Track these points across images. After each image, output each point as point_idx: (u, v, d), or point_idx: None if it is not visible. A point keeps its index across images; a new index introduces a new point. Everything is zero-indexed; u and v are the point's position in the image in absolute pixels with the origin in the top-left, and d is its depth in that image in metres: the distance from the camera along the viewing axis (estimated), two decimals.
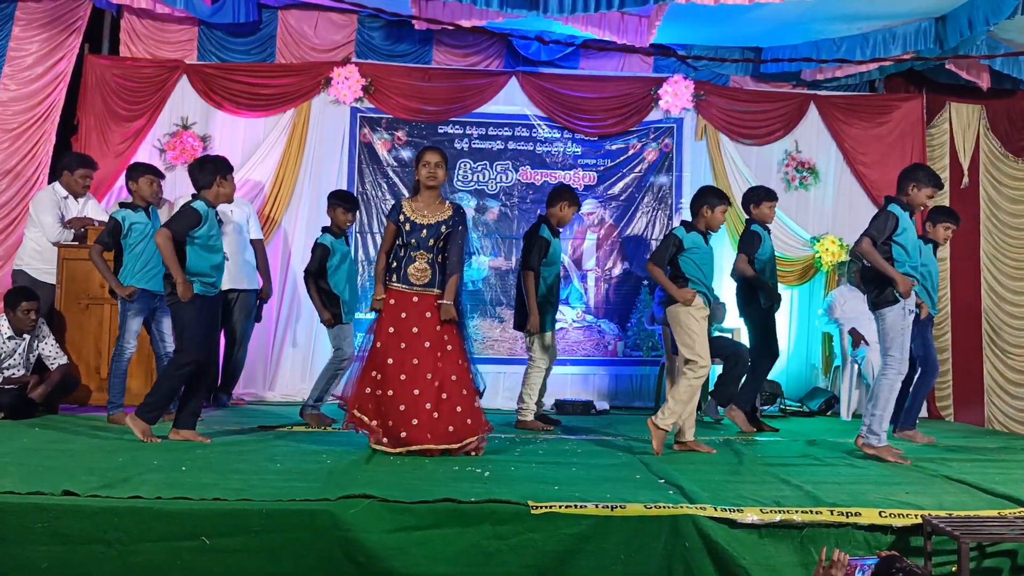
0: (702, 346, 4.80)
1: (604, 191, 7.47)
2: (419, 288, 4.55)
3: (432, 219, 4.59)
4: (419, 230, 4.56)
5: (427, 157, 4.61)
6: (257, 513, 3.20)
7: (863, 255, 4.75)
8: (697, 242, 4.91)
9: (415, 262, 4.56)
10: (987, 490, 3.84)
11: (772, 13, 6.44)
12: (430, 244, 4.57)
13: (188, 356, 4.65)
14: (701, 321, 4.84)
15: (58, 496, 3.23)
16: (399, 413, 4.42)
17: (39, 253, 6.11)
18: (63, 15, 6.98)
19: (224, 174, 4.75)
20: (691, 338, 4.80)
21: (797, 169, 7.60)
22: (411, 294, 4.55)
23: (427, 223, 4.57)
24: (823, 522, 3.32)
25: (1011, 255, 7.83)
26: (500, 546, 3.22)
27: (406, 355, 4.47)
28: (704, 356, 4.78)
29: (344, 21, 7.44)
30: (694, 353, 4.78)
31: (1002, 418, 7.78)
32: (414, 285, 4.55)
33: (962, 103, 7.86)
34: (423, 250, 4.56)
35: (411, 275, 4.55)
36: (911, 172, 4.83)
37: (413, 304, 4.54)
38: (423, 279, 4.55)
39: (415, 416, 4.41)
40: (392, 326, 4.52)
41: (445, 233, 4.59)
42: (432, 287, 4.57)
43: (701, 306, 4.85)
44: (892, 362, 4.72)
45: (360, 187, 7.28)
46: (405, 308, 4.54)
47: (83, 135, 7.01)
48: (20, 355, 5.57)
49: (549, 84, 7.41)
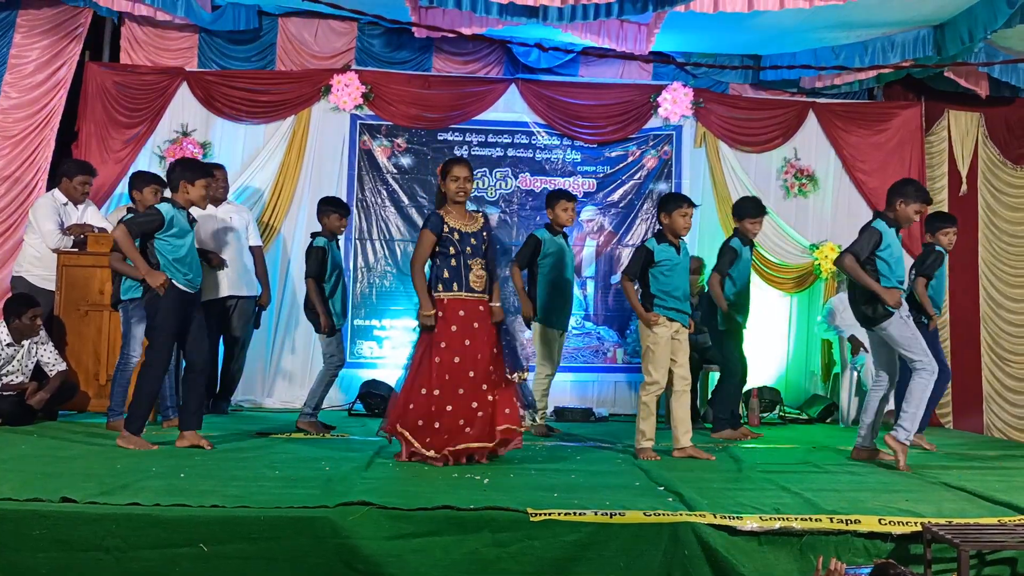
0: (656, 363, 4.85)
1: (603, 198, 7.47)
2: (479, 294, 4.60)
3: (474, 227, 4.63)
4: (469, 238, 4.59)
5: (456, 171, 4.59)
6: (256, 520, 3.19)
7: (846, 271, 4.77)
8: (668, 254, 4.90)
9: (473, 270, 4.58)
10: (987, 497, 3.84)
11: (771, 21, 6.46)
12: (482, 251, 4.62)
13: (154, 356, 4.69)
14: (663, 339, 4.86)
15: (56, 503, 3.22)
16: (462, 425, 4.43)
17: (38, 260, 6.11)
18: (64, 22, 6.99)
19: (191, 179, 4.71)
20: (648, 354, 4.90)
21: (796, 176, 7.61)
22: (476, 301, 4.58)
23: (473, 231, 4.62)
24: (823, 529, 3.31)
25: (1009, 263, 7.84)
26: (499, 553, 3.22)
27: (480, 364, 4.50)
28: (655, 373, 4.85)
29: (344, 28, 7.45)
30: (646, 370, 4.91)
31: (1001, 425, 7.77)
32: (476, 292, 4.58)
33: (961, 111, 7.87)
34: (479, 257, 4.60)
35: (473, 283, 4.57)
36: (899, 187, 4.82)
37: (480, 312, 4.58)
38: (482, 285, 4.61)
39: (474, 423, 4.45)
40: (468, 338, 4.51)
41: (487, 239, 4.67)
42: (486, 292, 4.64)
43: (665, 323, 4.87)
44: (919, 365, 4.71)
45: (360, 194, 7.28)
46: (475, 317, 4.56)
47: (83, 142, 7.02)
48: (19, 362, 5.56)
49: (548, 91, 7.42)
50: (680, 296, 4.90)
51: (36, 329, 5.53)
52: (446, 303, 4.55)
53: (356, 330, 7.21)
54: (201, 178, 4.74)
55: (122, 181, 7.02)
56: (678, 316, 4.90)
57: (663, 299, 4.88)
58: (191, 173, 4.73)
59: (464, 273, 4.57)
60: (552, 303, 5.82)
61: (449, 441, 4.39)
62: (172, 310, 4.68)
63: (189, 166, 4.84)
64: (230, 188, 6.62)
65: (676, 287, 4.89)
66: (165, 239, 4.65)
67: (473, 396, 4.46)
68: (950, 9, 6.38)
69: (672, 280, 4.88)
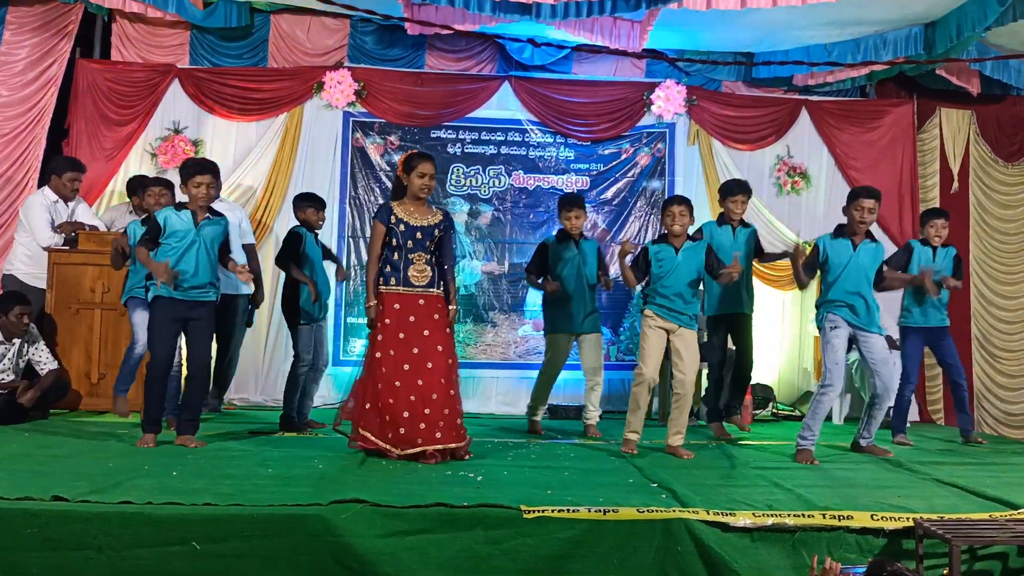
0: (643, 357, 4.90)
1: (597, 196, 7.47)
2: (421, 289, 4.55)
3: (425, 221, 4.59)
4: (415, 231, 4.55)
5: (424, 168, 4.57)
6: (248, 518, 3.19)
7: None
8: (665, 254, 4.94)
9: (414, 264, 4.55)
10: (978, 493, 3.86)
11: (764, 18, 6.47)
12: (427, 245, 4.57)
13: (151, 362, 4.76)
14: (651, 333, 4.89)
15: (48, 502, 3.21)
16: (409, 419, 4.40)
17: (29, 258, 6.08)
18: (54, 19, 6.95)
19: (185, 179, 4.75)
20: (641, 348, 4.95)
21: (789, 174, 7.63)
22: (416, 296, 4.55)
23: (422, 225, 4.57)
24: (815, 526, 3.33)
25: (1000, 260, 7.88)
26: (493, 550, 3.22)
27: (420, 358, 4.46)
28: (641, 366, 4.88)
29: (336, 25, 7.43)
30: (638, 363, 4.97)
31: (992, 422, 7.82)
32: (416, 287, 4.54)
33: (952, 108, 7.91)
34: (421, 251, 4.56)
35: (412, 277, 4.54)
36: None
37: (420, 307, 4.54)
38: (424, 280, 4.56)
39: (423, 420, 4.41)
40: (402, 331, 4.49)
41: (439, 236, 4.61)
42: (432, 287, 4.58)
43: (654, 318, 4.90)
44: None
45: (353, 191, 7.27)
46: (412, 311, 4.52)
47: (74, 139, 6.99)
48: (10, 360, 5.53)
49: (542, 89, 7.42)
50: (672, 296, 4.89)
51: (23, 327, 5.50)
52: (383, 297, 4.55)
53: (349, 328, 7.20)
54: (195, 175, 4.75)
55: (114, 178, 7.01)
56: (669, 315, 4.90)
57: (653, 296, 4.95)
58: (186, 174, 4.77)
59: (403, 267, 4.55)
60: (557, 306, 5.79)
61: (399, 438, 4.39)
62: (160, 318, 4.70)
63: (185, 167, 4.87)
64: (222, 186, 6.59)
65: (669, 286, 4.89)
66: (164, 243, 4.68)
67: (412, 390, 4.42)
68: (941, 7, 6.41)
69: (665, 279, 4.90)
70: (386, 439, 4.42)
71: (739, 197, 5.72)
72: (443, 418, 4.45)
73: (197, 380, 4.83)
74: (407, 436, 4.40)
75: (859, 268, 4.87)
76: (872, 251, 4.92)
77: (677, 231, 4.95)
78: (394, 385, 4.43)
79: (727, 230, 5.71)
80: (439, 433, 4.42)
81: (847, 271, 4.86)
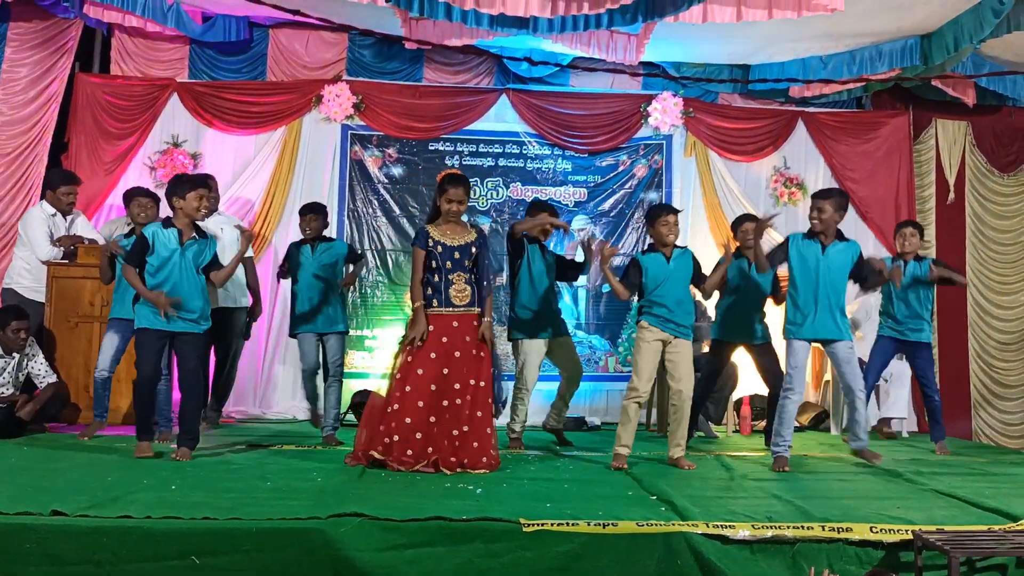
0: (637, 370, 4.82)
1: (594, 207, 7.50)
2: (462, 309, 4.60)
3: (462, 240, 4.64)
4: (452, 252, 4.61)
5: (453, 192, 4.59)
6: (247, 532, 3.18)
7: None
8: (652, 261, 4.91)
9: (454, 284, 4.60)
10: (977, 504, 3.86)
11: (759, 31, 6.50)
12: (466, 264, 4.62)
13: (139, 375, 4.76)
14: (646, 347, 4.83)
15: (47, 516, 3.20)
16: (436, 438, 4.46)
17: (28, 272, 6.09)
18: (54, 36, 6.98)
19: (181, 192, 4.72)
20: (635, 362, 4.88)
21: (786, 185, 7.66)
22: (451, 318, 4.59)
23: (458, 244, 4.63)
24: (814, 537, 3.32)
25: (996, 270, 7.90)
26: (492, 564, 3.21)
27: (449, 381, 4.51)
28: (635, 380, 4.81)
29: (335, 39, 7.47)
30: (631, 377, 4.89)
31: (989, 431, 7.82)
32: (457, 307, 4.59)
33: (948, 119, 7.95)
34: (460, 271, 4.61)
35: (453, 297, 4.59)
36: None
37: (453, 328, 4.58)
38: (465, 299, 4.61)
39: (451, 440, 4.47)
40: (433, 351, 4.53)
41: (475, 254, 4.66)
42: (473, 306, 4.64)
43: (650, 329, 4.84)
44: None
45: (351, 204, 7.29)
46: (446, 333, 4.57)
47: (73, 153, 7.01)
48: (9, 374, 5.53)
49: (539, 101, 7.45)
50: (671, 305, 4.85)
51: (20, 342, 5.50)
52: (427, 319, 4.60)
53: (348, 340, 7.18)
54: (192, 190, 4.73)
55: (113, 192, 7.02)
56: (664, 325, 4.85)
57: (648, 306, 4.90)
58: (180, 188, 4.75)
59: (444, 288, 4.59)
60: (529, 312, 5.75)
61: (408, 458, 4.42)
62: (146, 347, 4.69)
63: (178, 181, 4.87)
64: (221, 199, 6.61)
65: (663, 295, 4.85)
66: (149, 264, 4.66)
67: (432, 411, 4.46)
68: (937, 19, 6.45)
69: (660, 289, 4.87)
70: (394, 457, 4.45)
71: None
72: (462, 438, 4.49)
73: (190, 395, 4.79)
74: (415, 456, 4.43)
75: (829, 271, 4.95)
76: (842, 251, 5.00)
77: (671, 240, 4.94)
78: (417, 404, 4.47)
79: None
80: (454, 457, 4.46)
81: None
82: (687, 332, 4.91)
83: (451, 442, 4.49)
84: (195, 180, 4.93)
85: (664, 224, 4.91)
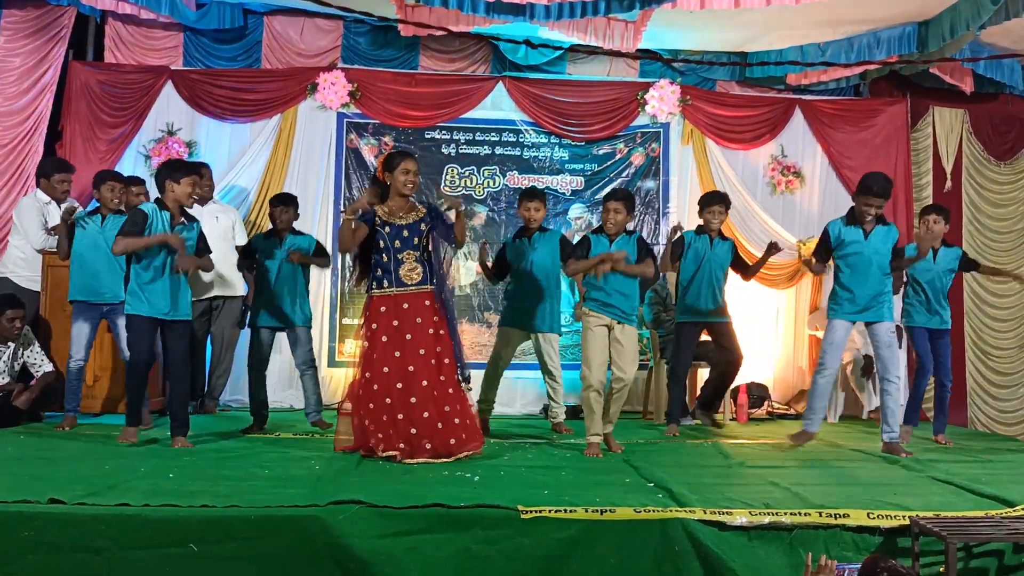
0: (590, 361, 4.78)
1: (591, 196, 7.48)
2: (414, 288, 4.56)
3: (410, 219, 4.62)
4: (401, 231, 4.58)
5: (406, 165, 4.61)
6: (245, 520, 3.18)
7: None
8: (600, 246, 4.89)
9: (404, 263, 4.57)
10: (974, 490, 3.87)
11: (757, 18, 6.48)
12: (415, 243, 4.59)
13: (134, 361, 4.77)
14: (589, 332, 4.82)
15: (44, 504, 3.20)
16: (400, 423, 4.42)
17: (23, 260, 6.07)
18: (48, 24, 6.91)
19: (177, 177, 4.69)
20: (584, 351, 4.87)
21: (783, 173, 7.65)
22: (401, 299, 4.55)
23: (407, 223, 4.60)
24: (812, 524, 3.34)
25: (993, 258, 7.91)
26: (490, 551, 3.22)
27: (401, 363, 4.47)
28: (589, 370, 4.76)
29: (330, 26, 7.43)
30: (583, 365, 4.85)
31: (984, 419, 7.85)
32: (408, 285, 4.56)
33: (945, 107, 7.94)
34: (410, 249, 4.58)
35: (404, 277, 4.56)
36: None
37: (403, 311, 4.54)
38: (416, 278, 4.57)
39: (415, 426, 4.41)
40: (385, 335, 4.51)
41: (426, 230, 4.63)
42: (425, 284, 4.60)
43: (593, 316, 4.84)
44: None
45: (347, 193, 7.26)
46: (396, 316, 4.54)
47: (68, 142, 6.96)
48: (5, 363, 5.52)
49: (536, 89, 7.42)
50: (609, 290, 4.81)
51: (15, 331, 5.48)
52: (374, 300, 4.59)
53: (344, 329, 7.19)
54: (187, 176, 4.72)
55: None
56: (604, 310, 4.82)
57: (589, 291, 4.90)
58: (177, 172, 4.73)
59: (394, 267, 4.57)
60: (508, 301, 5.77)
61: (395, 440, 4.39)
62: (141, 332, 4.69)
63: (174, 165, 4.85)
64: (216, 187, 6.59)
65: (603, 281, 4.80)
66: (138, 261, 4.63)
67: (411, 392, 4.42)
68: (935, 5, 6.43)
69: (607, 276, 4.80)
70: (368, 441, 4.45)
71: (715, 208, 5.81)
72: (430, 428, 4.42)
73: (178, 383, 4.80)
74: (386, 439, 4.41)
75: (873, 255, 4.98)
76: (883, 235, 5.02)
77: (611, 229, 4.91)
78: (373, 388, 4.47)
79: (705, 240, 5.82)
80: (428, 444, 4.40)
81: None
82: (630, 318, 4.88)
83: (427, 425, 4.41)
84: (190, 166, 4.92)
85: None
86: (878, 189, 4.93)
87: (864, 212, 4.95)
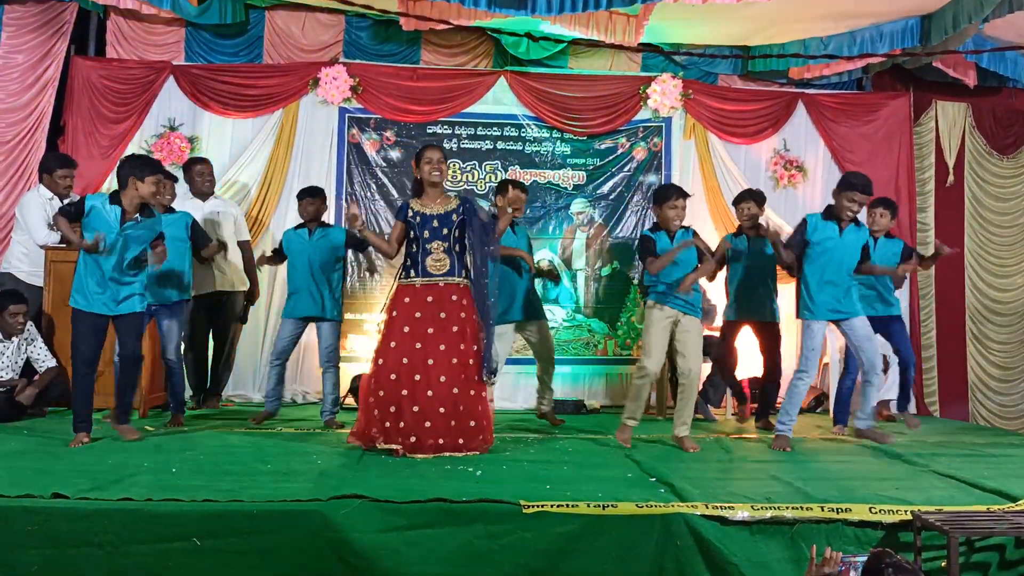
0: (646, 349, 4.89)
1: (593, 190, 7.47)
2: (440, 278, 4.56)
3: (441, 209, 4.62)
4: (431, 220, 4.58)
5: (429, 154, 4.64)
6: (248, 514, 3.19)
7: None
8: (660, 239, 4.95)
9: (431, 254, 4.56)
10: (976, 485, 3.87)
11: (760, 11, 6.46)
12: (444, 233, 4.58)
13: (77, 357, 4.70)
14: (653, 324, 4.87)
15: (48, 499, 3.22)
16: (412, 415, 4.41)
17: (27, 256, 6.08)
18: (51, 19, 6.91)
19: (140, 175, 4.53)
20: (645, 341, 4.93)
21: (785, 167, 7.63)
22: (425, 291, 4.54)
23: (438, 213, 4.60)
24: (814, 518, 3.34)
25: (995, 252, 7.90)
26: (492, 545, 3.23)
27: (421, 355, 4.46)
28: (647, 360, 4.86)
29: (331, 21, 7.42)
30: (641, 357, 4.96)
31: (986, 414, 7.85)
32: (434, 276, 4.55)
33: (948, 101, 7.92)
34: (438, 240, 4.57)
35: (430, 267, 4.56)
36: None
37: (427, 304, 4.53)
38: (442, 269, 4.57)
39: (428, 419, 4.40)
40: (407, 326, 4.51)
41: (458, 222, 4.61)
42: (452, 275, 4.59)
43: (660, 308, 4.88)
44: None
45: (349, 187, 7.26)
46: (419, 307, 4.52)
47: (70, 137, 6.96)
48: (9, 358, 5.53)
49: (538, 84, 7.41)
50: (675, 284, 4.87)
51: (19, 326, 5.49)
52: (398, 289, 4.60)
53: (346, 324, 7.18)
54: (152, 175, 4.57)
55: (110, 176, 6.98)
56: (673, 302, 4.88)
57: (655, 284, 4.93)
58: (142, 170, 4.55)
59: (421, 257, 4.57)
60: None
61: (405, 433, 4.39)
62: (82, 334, 4.64)
63: (140, 162, 4.65)
64: (218, 182, 6.59)
65: (668, 274, 4.87)
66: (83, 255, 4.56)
67: (428, 386, 4.40)
68: None
69: (667, 268, 4.86)
70: (375, 432, 4.45)
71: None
72: (443, 424, 4.42)
73: (126, 374, 4.80)
74: (393, 430, 4.41)
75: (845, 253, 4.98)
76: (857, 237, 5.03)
77: (676, 226, 4.97)
78: (389, 378, 4.44)
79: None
80: (440, 439, 4.40)
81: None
82: (696, 310, 4.93)
83: (440, 422, 4.41)
84: (156, 166, 4.71)
85: (672, 208, 4.94)
86: (861, 186, 4.94)
87: (846, 208, 4.94)
